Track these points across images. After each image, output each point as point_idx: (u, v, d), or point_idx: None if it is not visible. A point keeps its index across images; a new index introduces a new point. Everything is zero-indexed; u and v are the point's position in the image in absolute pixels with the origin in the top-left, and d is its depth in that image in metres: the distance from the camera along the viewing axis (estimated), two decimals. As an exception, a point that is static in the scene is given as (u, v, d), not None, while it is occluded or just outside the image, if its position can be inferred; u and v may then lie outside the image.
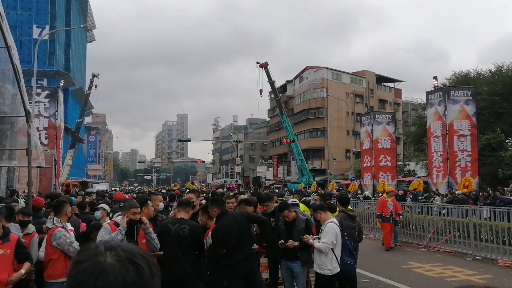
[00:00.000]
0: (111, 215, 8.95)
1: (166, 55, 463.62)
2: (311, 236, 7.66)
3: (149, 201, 7.02)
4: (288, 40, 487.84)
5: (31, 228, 6.97)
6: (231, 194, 12.79)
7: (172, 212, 8.22)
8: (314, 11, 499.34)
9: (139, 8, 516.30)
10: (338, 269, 7.39)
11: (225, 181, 55.01)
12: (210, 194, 14.85)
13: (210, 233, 7.08)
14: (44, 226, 7.12)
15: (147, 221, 6.33)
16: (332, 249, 7.33)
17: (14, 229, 6.50)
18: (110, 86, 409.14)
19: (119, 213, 6.84)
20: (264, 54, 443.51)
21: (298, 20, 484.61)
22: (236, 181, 56.90)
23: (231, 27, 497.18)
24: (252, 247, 7.29)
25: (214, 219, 7.10)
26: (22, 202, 11.31)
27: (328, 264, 7.33)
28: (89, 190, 40.26)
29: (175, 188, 35.21)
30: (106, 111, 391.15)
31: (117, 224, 6.10)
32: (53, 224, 6.44)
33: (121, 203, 9.21)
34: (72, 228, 7.00)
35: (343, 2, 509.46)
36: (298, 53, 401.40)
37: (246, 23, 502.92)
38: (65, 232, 6.29)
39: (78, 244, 6.25)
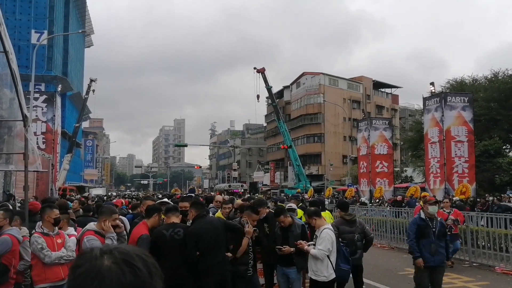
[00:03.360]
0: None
1: (173, 63, 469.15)
2: (305, 242, 7.66)
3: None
4: (291, 49, 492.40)
5: (23, 232, 6.99)
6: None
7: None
8: (318, 22, 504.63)
9: (148, 16, 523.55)
10: (333, 276, 7.38)
11: (229, 186, 53.96)
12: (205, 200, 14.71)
13: None
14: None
15: (122, 225, 6.53)
16: (327, 255, 7.33)
17: (15, 231, 6.57)
18: (117, 92, 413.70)
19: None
20: (267, 63, 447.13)
21: (301, 31, 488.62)
22: (242, 185, 55.98)
23: (237, 36, 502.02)
24: (226, 254, 7.24)
25: (191, 221, 7.12)
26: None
27: (324, 271, 7.32)
28: (94, 194, 40.31)
29: (176, 193, 34.91)
30: (110, 117, 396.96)
31: (98, 233, 6.10)
32: (34, 229, 6.55)
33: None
34: (75, 233, 7.02)
35: (345, 14, 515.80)
36: (301, 62, 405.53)
37: (252, 33, 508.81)
38: (38, 238, 6.35)
39: (49, 250, 6.29)
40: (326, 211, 11.50)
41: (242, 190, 48.82)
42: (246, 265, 7.49)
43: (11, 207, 9.09)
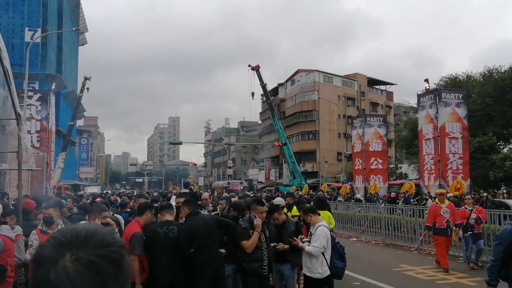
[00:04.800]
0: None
1: (170, 61, 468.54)
2: (300, 236, 7.65)
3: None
4: (288, 48, 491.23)
5: (17, 230, 6.97)
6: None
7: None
8: (315, 21, 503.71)
9: (147, 15, 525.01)
10: (328, 272, 7.37)
11: (228, 183, 53.19)
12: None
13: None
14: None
15: (113, 222, 6.62)
16: (322, 252, 7.32)
17: (6, 231, 6.56)
18: (114, 90, 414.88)
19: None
20: (264, 62, 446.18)
21: (298, 29, 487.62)
22: (241, 182, 55.36)
23: (235, 35, 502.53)
24: (220, 250, 7.24)
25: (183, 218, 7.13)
26: None
27: (318, 268, 7.31)
28: (89, 192, 40.25)
29: (174, 191, 34.72)
30: (107, 115, 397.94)
31: None
32: (36, 227, 6.66)
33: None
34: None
35: (343, 13, 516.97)
36: (297, 61, 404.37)
37: (249, 31, 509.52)
38: (32, 236, 6.47)
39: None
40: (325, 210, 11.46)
41: (242, 187, 48.20)
42: (260, 261, 7.38)
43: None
